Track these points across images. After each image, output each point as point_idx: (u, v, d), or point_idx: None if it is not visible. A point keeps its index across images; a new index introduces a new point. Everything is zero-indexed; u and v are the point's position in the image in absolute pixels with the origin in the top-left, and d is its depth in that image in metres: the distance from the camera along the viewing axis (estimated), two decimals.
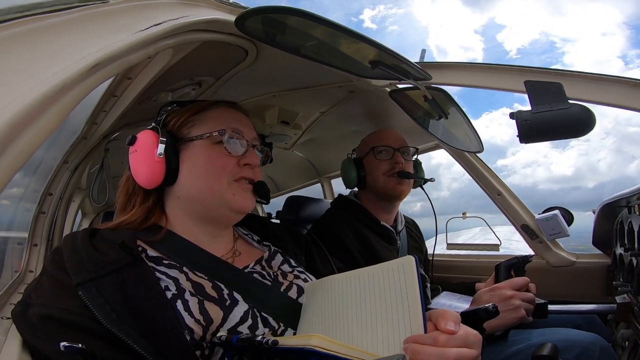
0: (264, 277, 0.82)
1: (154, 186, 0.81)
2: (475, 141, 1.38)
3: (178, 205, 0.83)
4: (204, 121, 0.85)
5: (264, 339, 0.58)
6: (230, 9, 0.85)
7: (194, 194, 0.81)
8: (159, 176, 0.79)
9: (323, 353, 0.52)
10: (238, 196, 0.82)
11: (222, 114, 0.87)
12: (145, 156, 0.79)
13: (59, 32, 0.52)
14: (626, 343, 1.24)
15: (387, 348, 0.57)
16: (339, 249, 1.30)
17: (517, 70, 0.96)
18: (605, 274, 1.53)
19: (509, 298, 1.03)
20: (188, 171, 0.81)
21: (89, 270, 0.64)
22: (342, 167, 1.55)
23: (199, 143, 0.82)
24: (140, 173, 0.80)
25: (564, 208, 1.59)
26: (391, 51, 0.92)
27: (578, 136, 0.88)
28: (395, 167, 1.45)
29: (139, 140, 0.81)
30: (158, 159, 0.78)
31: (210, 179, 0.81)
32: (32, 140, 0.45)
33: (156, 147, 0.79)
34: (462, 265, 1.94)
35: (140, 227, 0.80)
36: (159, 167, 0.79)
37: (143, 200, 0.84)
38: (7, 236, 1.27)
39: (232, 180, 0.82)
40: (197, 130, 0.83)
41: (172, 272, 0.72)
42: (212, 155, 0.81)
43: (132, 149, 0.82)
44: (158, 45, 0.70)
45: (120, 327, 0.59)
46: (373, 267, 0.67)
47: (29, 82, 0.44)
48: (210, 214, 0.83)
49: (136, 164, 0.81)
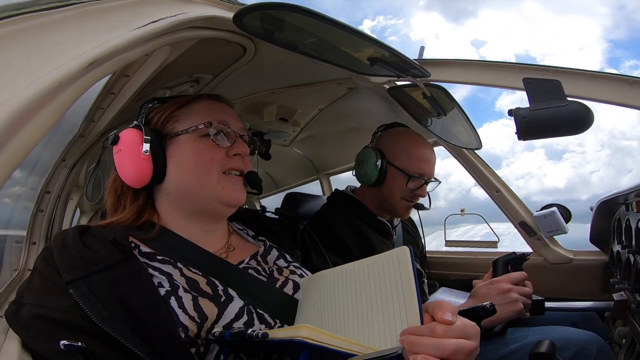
0: (259, 273, 0.82)
1: (143, 184, 0.79)
2: (474, 138, 1.38)
3: (168, 202, 0.83)
4: (188, 115, 0.83)
5: (254, 332, 0.58)
6: (229, 5, 0.85)
7: (184, 189, 0.80)
8: (147, 174, 0.78)
9: (313, 344, 0.52)
10: (228, 189, 0.81)
11: (206, 106, 0.86)
12: (131, 155, 0.77)
13: (56, 29, 0.52)
14: (623, 340, 1.24)
15: (383, 340, 0.57)
16: (336, 244, 1.30)
17: (516, 68, 0.96)
18: (603, 271, 1.53)
19: (507, 291, 1.04)
20: (176, 166, 0.80)
21: (79, 268, 0.63)
22: (364, 158, 1.42)
23: (185, 137, 0.81)
24: (127, 172, 0.79)
25: (562, 205, 1.60)
26: (390, 48, 0.92)
27: (576, 133, 0.88)
28: (415, 198, 1.41)
29: (122, 140, 0.79)
30: (144, 156, 0.77)
31: (199, 172, 0.80)
32: (29, 138, 0.45)
33: (141, 145, 0.77)
34: (459, 262, 1.94)
35: (133, 225, 0.79)
36: (146, 165, 0.78)
37: (133, 199, 0.82)
38: (5, 234, 1.27)
39: (221, 172, 0.81)
40: (182, 124, 0.82)
41: (165, 267, 0.71)
42: (200, 148, 0.80)
43: (116, 149, 0.80)
44: (155, 42, 0.69)
45: (113, 326, 0.58)
46: (367, 260, 0.66)
47: (26, 79, 0.44)
48: (201, 208, 0.82)
49: (122, 163, 0.79)
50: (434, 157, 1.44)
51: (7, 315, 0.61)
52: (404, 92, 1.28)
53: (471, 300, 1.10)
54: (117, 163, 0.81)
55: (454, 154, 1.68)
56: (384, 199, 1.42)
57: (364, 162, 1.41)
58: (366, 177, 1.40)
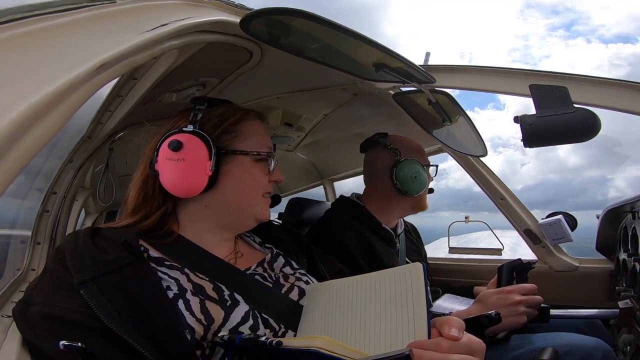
0: (265, 279, 0.82)
1: (189, 197, 0.79)
2: (479, 145, 1.38)
3: (201, 213, 0.82)
4: (246, 135, 0.85)
5: (267, 339, 0.58)
6: (236, 10, 0.86)
7: (230, 206, 0.83)
8: (201, 188, 0.78)
9: (327, 355, 0.52)
10: (265, 209, 0.89)
11: (259, 129, 0.89)
12: (195, 168, 0.76)
13: (67, 31, 0.53)
14: (628, 348, 1.23)
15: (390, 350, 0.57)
16: (339, 250, 1.30)
17: (522, 74, 0.96)
18: (609, 279, 1.52)
19: (516, 303, 1.03)
20: (230, 184, 0.81)
21: (90, 269, 0.63)
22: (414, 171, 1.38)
23: (243, 159, 0.83)
24: (182, 183, 0.77)
25: (568, 213, 1.58)
26: (395, 54, 0.92)
27: (583, 141, 0.88)
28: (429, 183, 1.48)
29: (187, 148, 0.76)
30: (209, 172, 0.77)
31: (248, 194, 0.84)
32: (37, 139, 0.45)
33: (208, 161, 0.77)
34: (463, 269, 1.93)
35: (151, 232, 0.78)
36: (205, 180, 0.77)
37: (160, 205, 0.81)
38: (10, 234, 1.27)
39: (262, 195, 0.87)
40: (240, 144, 0.83)
41: (173, 272, 0.72)
42: (255, 173, 0.85)
43: (175, 155, 0.76)
44: (164, 45, 0.70)
45: (121, 326, 0.59)
46: (379, 272, 0.67)
47: (36, 80, 0.44)
48: (236, 224, 0.87)
49: (178, 172, 0.77)
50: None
51: (15, 313, 0.62)
52: (409, 98, 1.28)
53: (476, 306, 1.09)
54: (169, 169, 0.77)
55: (458, 161, 1.67)
56: (419, 198, 1.46)
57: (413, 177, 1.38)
58: (419, 187, 1.40)
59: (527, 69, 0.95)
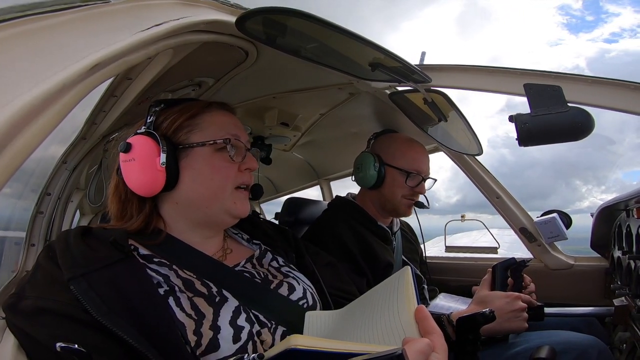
0: (254, 276, 0.83)
1: (152, 194, 0.79)
2: (475, 144, 1.39)
3: (175, 210, 0.83)
4: (202, 127, 0.83)
5: (249, 356, 0.58)
6: (231, 9, 0.85)
7: (196, 201, 0.81)
8: (160, 185, 0.78)
9: (304, 350, 0.52)
10: (239, 203, 0.84)
11: (219, 118, 0.86)
12: (145, 165, 0.77)
13: (60, 31, 0.52)
14: (624, 345, 1.24)
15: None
16: (338, 248, 1.31)
17: (517, 73, 0.97)
18: (604, 277, 1.53)
19: (523, 310, 1.03)
20: (191, 179, 0.80)
21: (80, 265, 0.64)
22: (362, 162, 1.46)
23: (201, 150, 0.81)
24: (139, 182, 0.78)
25: (563, 211, 1.60)
26: (391, 53, 0.92)
27: (577, 139, 0.88)
28: (415, 196, 1.46)
29: (135, 148, 0.78)
30: (160, 168, 0.76)
31: (214, 187, 0.81)
32: (31, 140, 0.45)
33: (158, 157, 0.76)
34: (459, 268, 1.94)
35: (140, 233, 0.79)
36: (160, 176, 0.77)
37: (139, 207, 0.82)
38: (4, 236, 1.26)
39: (234, 187, 0.83)
40: (196, 136, 0.82)
41: (162, 269, 0.73)
42: (216, 163, 0.81)
43: (126, 157, 0.78)
44: (158, 45, 0.69)
45: (111, 319, 0.59)
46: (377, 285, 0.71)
47: (29, 81, 0.44)
48: (210, 220, 0.84)
49: (133, 173, 0.78)
50: (428, 156, 1.51)
51: (6, 307, 0.62)
52: (405, 98, 1.29)
53: (479, 308, 1.09)
54: (126, 171, 0.79)
55: (454, 159, 1.68)
56: (386, 199, 1.46)
57: (362, 166, 1.45)
58: (366, 180, 1.44)
59: (521, 68, 0.95)
